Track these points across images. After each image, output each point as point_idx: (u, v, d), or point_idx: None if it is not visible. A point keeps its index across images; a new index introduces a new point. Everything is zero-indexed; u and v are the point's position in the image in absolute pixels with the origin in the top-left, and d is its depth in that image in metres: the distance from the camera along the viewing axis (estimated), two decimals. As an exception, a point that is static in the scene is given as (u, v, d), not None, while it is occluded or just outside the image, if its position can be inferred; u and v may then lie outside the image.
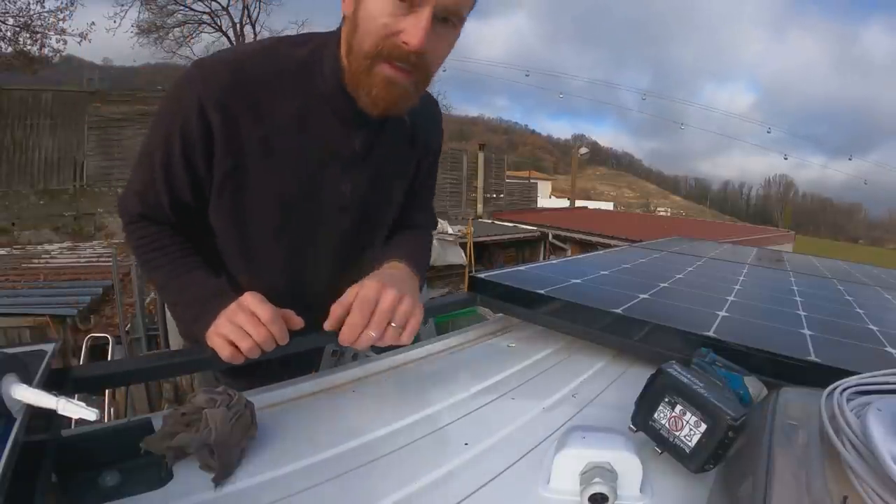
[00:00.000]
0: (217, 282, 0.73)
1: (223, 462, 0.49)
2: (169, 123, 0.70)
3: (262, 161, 0.72)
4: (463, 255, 7.22)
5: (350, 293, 0.65)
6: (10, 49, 11.39)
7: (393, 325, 0.64)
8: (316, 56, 0.73)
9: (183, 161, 0.70)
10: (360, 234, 0.84)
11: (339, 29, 0.72)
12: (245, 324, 0.63)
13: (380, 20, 0.62)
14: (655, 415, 0.55)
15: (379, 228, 0.88)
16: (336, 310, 0.65)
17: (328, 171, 0.76)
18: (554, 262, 1.77)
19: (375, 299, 0.64)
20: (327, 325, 0.65)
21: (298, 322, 0.68)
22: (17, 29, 11.43)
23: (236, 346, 0.63)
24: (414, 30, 0.61)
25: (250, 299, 0.64)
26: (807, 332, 1.01)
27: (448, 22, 0.65)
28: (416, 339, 0.77)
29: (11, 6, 11.18)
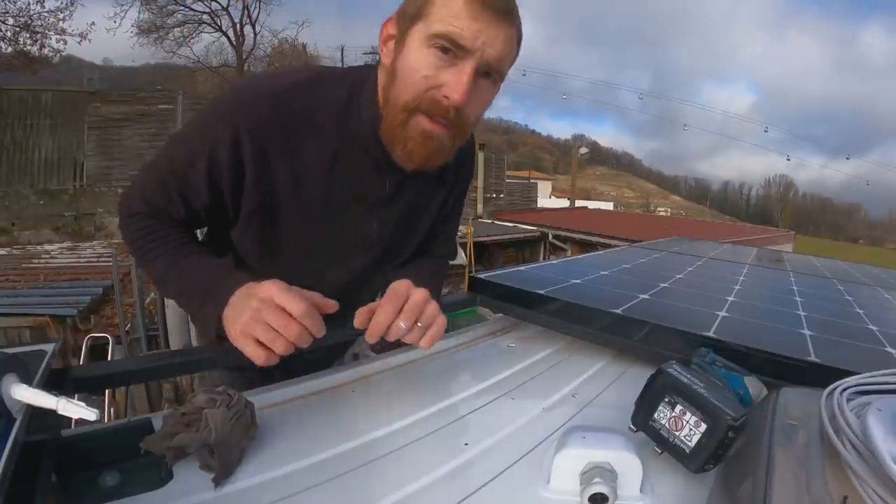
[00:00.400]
0: (220, 262, 0.68)
1: (223, 462, 0.49)
2: (198, 144, 0.67)
3: (290, 198, 0.71)
4: (463, 255, 7.22)
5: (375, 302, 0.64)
6: (10, 49, 11.41)
7: (419, 324, 0.63)
8: (354, 94, 0.70)
9: (207, 182, 0.68)
10: (382, 263, 0.85)
11: (377, 68, 0.70)
12: (275, 321, 0.55)
13: (420, 72, 0.61)
14: (655, 415, 0.55)
15: (401, 258, 0.88)
16: (362, 311, 0.62)
17: (356, 211, 0.76)
18: (554, 262, 1.77)
19: (406, 293, 0.63)
20: (357, 323, 0.62)
21: (332, 305, 0.61)
22: (17, 29, 11.45)
23: (269, 348, 0.56)
24: (456, 84, 0.60)
25: (274, 290, 0.56)
26: (807, 332, 1.00)
27: (489, 77, 0.64)
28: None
29: (11, 6, 11.21)
